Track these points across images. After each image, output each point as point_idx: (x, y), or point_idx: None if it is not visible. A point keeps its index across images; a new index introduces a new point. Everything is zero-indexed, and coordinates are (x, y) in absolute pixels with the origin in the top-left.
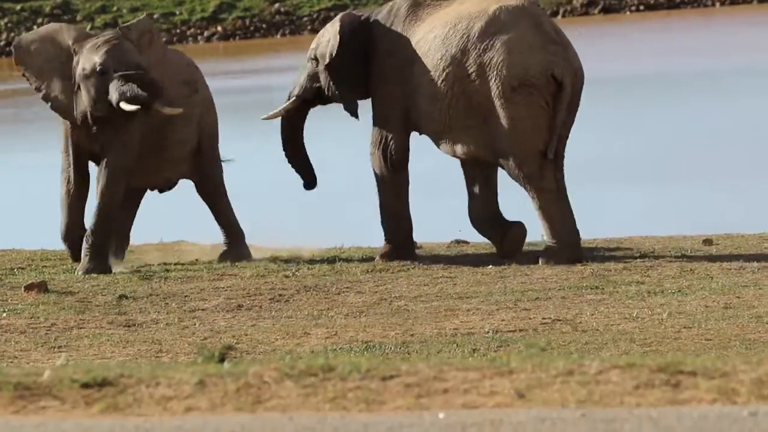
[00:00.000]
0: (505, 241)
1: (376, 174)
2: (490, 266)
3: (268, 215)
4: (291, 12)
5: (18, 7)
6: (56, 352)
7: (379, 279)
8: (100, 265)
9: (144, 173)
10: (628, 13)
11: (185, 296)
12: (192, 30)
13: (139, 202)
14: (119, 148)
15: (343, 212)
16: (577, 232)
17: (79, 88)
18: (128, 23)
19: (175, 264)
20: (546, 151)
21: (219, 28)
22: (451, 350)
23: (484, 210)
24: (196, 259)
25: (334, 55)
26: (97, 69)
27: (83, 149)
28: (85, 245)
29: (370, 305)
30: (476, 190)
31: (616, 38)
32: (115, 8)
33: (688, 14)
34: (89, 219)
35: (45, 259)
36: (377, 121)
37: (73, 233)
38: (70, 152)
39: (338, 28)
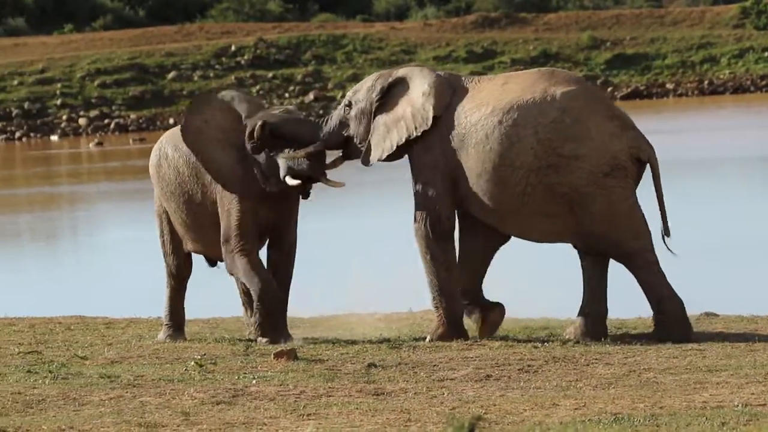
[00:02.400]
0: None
1: (421, 248)
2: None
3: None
4: None
5: (270, 74)
6: (305, 420)
7: (628, 351)
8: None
9: None
10: None
11: (434, 365)
12: None
13: None
14: (293, 223)
15: None
16: (683, 306)
17: (252, 160)
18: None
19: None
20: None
21: None
22: (701, 423)
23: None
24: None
25: (435, 114)
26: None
27: (262, 223)
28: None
29: (618, 377)
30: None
31: None
32: (365, 76)
33: None
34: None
35: (293, 326)
36: (419, 192)
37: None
38: (250, 229)
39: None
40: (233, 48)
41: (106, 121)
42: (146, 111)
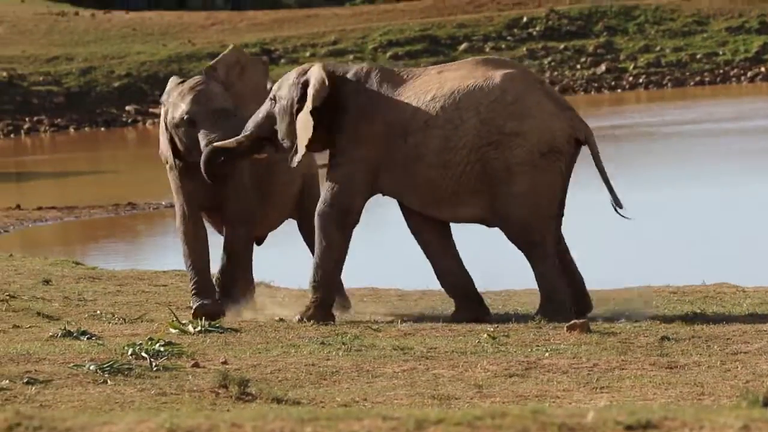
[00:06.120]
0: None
1: (322, 233)
2: None
3: None
4: None
5: (561, 46)
6: (598, 393)
7: None
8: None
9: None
10: None
11: (727, 339)
12: (735, 71)
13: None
14: (233, 196)
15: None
16: (567, 297)
17: (171, 137)
18: (216, 60)
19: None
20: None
21: (762, 69)
22: None
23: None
24: None
25: (318, 104)
26: (185, 118)
27: (193, 197)
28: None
29: None
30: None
31: None
32: (658, 48)
33: None
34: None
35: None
36: (337, 180)
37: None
38: (182, 200)
39: (324, 77)
40: (525, 19)
41: None
42: None
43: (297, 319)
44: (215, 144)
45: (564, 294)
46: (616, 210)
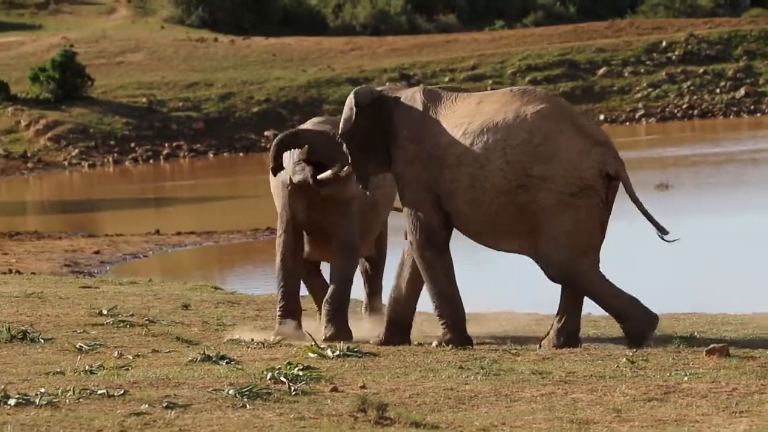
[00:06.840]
0: None
1: (420, 260)
2: None
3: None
4: None
5: (701, 70)
6: (737, 418)
7: None
8: (341, 332)
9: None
10: None
11: None
12: None
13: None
14: (342, 226)
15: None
16: (638, 301)
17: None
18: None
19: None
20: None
21: None
22: None
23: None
24: None
25: (345, 129)
26: (296, 133)
27: (299, 218)
28: (326, 313)
29: None
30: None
31: None
32: None
33: None
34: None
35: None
36: (408, 206)
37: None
38: (287, 220)
39: (352, 101)
40: (664, 44)
41: None
42: (577, 107)
43: (435, 344)
44: (319, 177)
45: (623, 299)
46: (662, 238)
